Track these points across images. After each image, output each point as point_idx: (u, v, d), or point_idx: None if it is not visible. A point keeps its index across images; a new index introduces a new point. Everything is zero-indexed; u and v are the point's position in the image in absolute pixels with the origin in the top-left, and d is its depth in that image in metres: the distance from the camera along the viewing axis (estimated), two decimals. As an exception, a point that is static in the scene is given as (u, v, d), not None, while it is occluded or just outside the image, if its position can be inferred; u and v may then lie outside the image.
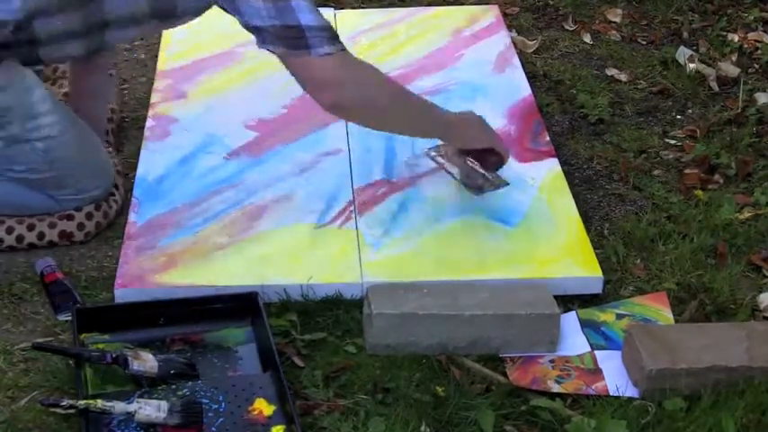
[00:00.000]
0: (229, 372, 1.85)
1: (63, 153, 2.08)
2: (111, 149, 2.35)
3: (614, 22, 3.17)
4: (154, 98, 2.55)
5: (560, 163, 2.39)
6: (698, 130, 2.64)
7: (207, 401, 1.75)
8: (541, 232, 2.17)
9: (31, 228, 2.12)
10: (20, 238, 2.12)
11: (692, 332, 1.90)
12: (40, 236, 2.13)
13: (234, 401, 1.76)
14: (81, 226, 2.15)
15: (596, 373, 1.88)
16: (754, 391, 1.81)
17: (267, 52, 1.98)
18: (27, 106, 2.02)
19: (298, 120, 2.49)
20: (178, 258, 2.06)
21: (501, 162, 2.24)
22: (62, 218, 2.14)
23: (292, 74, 2.01)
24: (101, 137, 2.32)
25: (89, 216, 2.16)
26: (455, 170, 2.30)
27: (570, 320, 1.99)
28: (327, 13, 2.96)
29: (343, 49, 2.00)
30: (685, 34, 3.12)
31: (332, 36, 1.98)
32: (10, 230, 2.12)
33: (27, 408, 1.77)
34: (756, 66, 2.97)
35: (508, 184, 2.27)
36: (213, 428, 1.71)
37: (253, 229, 2.15)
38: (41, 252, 2.12)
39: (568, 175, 2.40)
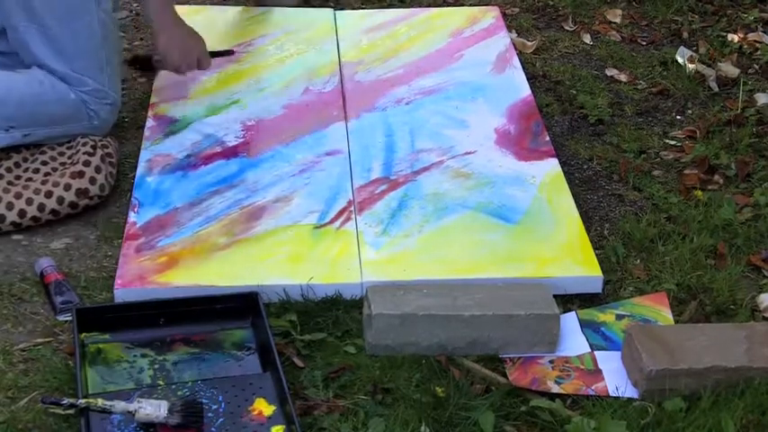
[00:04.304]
0: (229, 372, 1.85)
1: None
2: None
3: (614, 23, 3.18)
4: (154, 98, 2.55)
5: (560, 163, 2.39)
6: (697, 131, 2.64)
7: (207, 401, 1.75)
8: (541, 232, 2.17)
9: (48, 195, 2.18)
10: (42, 207, 2.18)
11: (692, 332, 1.90)
12: (60, 200, 2.19)
13: (234, 401, 1.76)
14: (93, 180, 2.22)
15: (596, 373, 1.88)
16: (753, 392, 1.81)
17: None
18: None
19: (298, 120, 2.49)
20: (178, 258, 2.06)
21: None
22: (74, 176, 2.21)
23: None
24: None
25: (98, 169, 2.24)
26: None
27: (570, 321, 1.99)
28: (327, 13, 2.96)
29: None
30: (685, 35, 3.12)
31: None
32: (29, 201, 2.17)
33: (27, 408, 1.77)
34: (756, 66, 2.97)
35: None
36: (213, 428, 1.71)
37: (253, 229, 2.14)
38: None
39: (568, 175, 2.40)
